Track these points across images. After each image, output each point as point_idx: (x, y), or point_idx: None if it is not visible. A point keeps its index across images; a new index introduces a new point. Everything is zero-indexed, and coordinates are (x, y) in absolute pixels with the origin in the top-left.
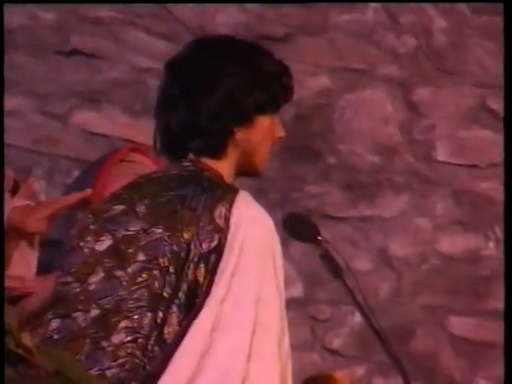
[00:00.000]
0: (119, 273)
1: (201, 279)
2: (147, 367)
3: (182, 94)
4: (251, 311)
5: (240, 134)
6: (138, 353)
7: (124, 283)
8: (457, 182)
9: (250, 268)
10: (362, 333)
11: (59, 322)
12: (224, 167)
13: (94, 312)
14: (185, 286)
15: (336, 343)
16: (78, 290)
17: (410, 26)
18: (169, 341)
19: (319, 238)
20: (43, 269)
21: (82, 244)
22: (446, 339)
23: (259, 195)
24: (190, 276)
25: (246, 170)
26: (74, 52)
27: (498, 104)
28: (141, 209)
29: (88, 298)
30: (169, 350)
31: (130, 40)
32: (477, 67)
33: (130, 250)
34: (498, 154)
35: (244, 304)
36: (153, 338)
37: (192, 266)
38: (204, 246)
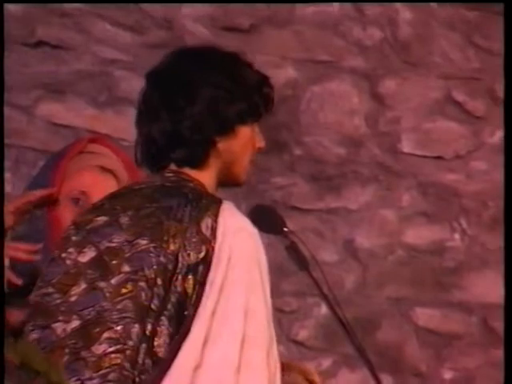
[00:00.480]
0: (102, 284)
1: (190, 291)
2: (137, 379)
3: (163, 105)
4: (240, 323)
5: (222, 144)
6: (126, 365)
7: (107, 294)
8: (422, 173)
9: (237, 279)
10: (328, 324)
11: (39, 333)
12: (206, 177)
13: (75, 323)
14: (173, 298)
15: (302, 335)
16: (58, 301)
17: (375, 18)
18: (160, 354)
19: (285, 229)
20: None
21: (64, 255)
22: (412, 330)
23: (225, 187)
24: (179, 288)
25: (227, 180)
26: (40, 43)
27: (463, 96)
28: (124, 220)
29: (69, 308)
30: (163, 364)
31: (96, 31)
32: (442, 59)
33: (113, 262)
34: (463, 146)
35: (233, 316)
36: (142, 351)
37: (180, 277)
38: (192, 257)
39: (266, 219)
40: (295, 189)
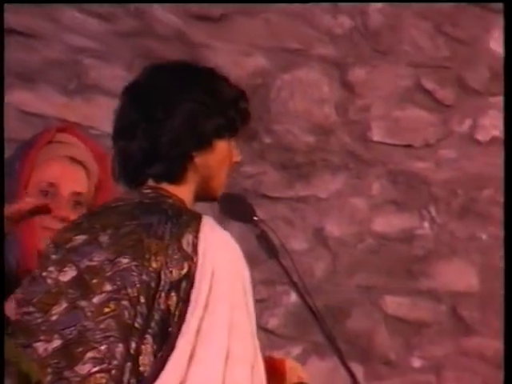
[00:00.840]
0: (83, 303)
1: (173, 308)
2: None
3: (140, 120)
4: (224, 340)
5: (199, 159)
6: None
7: (88, 314)
8: (392, 161)
9: (221, 295)
10: (298, 313)
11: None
12: (184, 192)
13: (56, 342)
14: (157, 316)
15: (272, 323)
16: (40, 320)
17: (345, 7)
18: (146, 373)
19: (255, 218)
20: None
21: (44, 274)
22: (381, 319)
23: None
24: (162, 305)
25: (205, 194)
26: (10, 31)
27: (432, 84)
28: (104, 239)
29: (50, 328)
30: (147, 382)
31: (66, 20)
32: (412, 47)
33: (94, 281)
34: (432, 134)
35: (217, 332)
36: (128, 369)
37: (163, 295)
38: (174, 274)
39: (235, 208)
40: (265, 177)
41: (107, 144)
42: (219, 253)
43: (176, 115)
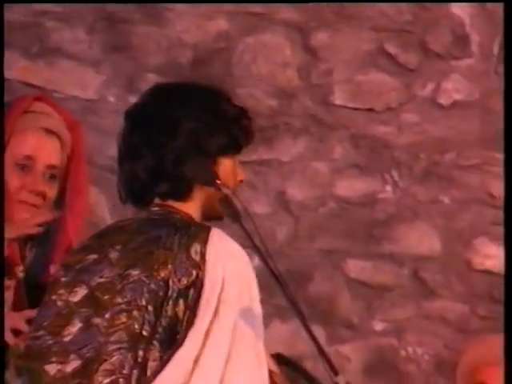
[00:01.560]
0: (97, 320)
1: (181, 315)
2: None
3: (144, 142)
4: (226, 344)
5: None
6: None
7: (102, 329)
8: (354, 125)
9: (229, 303)
10: (261, 276)
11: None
12: (191, 209)
13: (75, 363)
14: (164, 322)
15: None
16: (50, 342)
17: None
18: (154, 378)
19: (218, 181)
20: None
21: (54, 297)
22: (343, 282)
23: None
24: (170, 312)
25: (211, 213)
26: None
27: (395, 48)
28: (114, 255)
29: (63, 349)
30: (149, 380)
31: None
32: (374, 11)
33: (106, 297)
34: (394, 98)
35: (221, 337)
36: (134, 377)
37: (171, 302)
38: (182, 281)
39: (197, 171)
40: None
41: (71, 107)
42: (228, 262)
43: (179, 135)
